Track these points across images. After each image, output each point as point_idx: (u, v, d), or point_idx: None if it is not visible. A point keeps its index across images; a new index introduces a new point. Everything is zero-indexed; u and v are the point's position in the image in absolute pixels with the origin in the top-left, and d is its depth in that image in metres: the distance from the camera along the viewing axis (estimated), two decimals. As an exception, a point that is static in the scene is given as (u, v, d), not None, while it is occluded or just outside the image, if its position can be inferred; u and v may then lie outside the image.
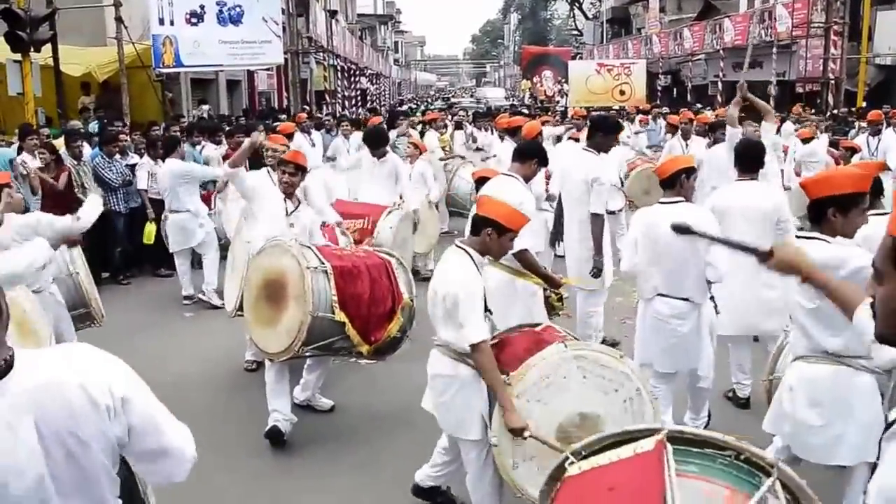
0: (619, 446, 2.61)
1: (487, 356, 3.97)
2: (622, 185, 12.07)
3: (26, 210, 6.07)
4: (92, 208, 5.78)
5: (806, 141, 11.47)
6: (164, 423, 2.28)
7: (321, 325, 5.25)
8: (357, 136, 13.00)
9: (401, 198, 9.10)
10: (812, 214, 3.89)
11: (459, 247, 4.21)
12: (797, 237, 4.01)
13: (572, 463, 2.66)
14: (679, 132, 12.58)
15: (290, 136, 12.00)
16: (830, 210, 3.74)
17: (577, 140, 10.82)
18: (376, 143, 9.42)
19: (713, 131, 10.15)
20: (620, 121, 10.19)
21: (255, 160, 9.26)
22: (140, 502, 2.63)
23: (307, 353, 5.48)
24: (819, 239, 3.76)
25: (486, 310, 4.15)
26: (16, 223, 5.35)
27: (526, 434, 3.81)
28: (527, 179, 6.01)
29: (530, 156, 6.06)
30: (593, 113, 14.39)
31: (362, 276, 5.50)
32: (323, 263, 5.33)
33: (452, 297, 4.02)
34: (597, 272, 6.76)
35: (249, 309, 5.53)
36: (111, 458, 2.19)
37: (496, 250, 4.24)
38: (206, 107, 21.84)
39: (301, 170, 6.06)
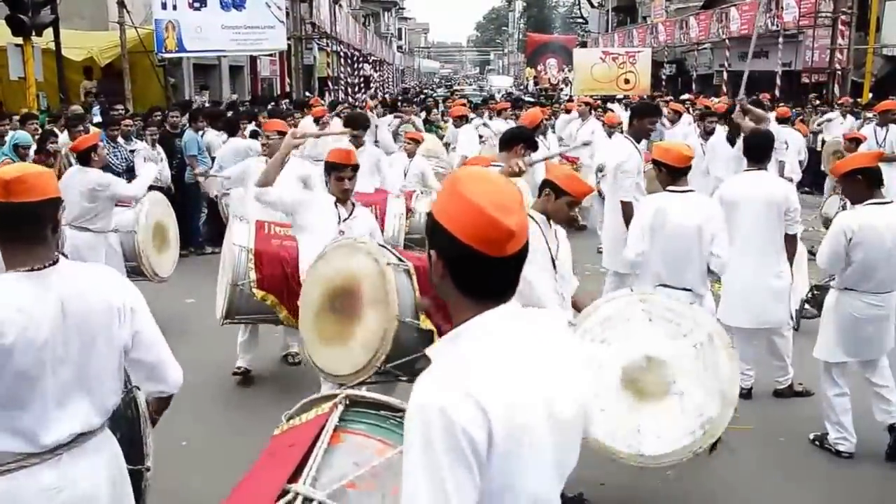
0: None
1: None
2: None
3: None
4: (145, 175, 7.59)
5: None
6: (161, 342, 2.84)
7: (407, 334, 4.30)
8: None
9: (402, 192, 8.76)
10: None
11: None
12: None
13: (281, 424, 2.81)
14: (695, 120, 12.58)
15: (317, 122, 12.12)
16: None
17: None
18: (353, 127, 8.45)
19: (702, 119, 10.09)
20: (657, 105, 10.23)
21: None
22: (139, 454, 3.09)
23: (386, 374, 4.45)
24: None
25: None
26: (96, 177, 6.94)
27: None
28: None
29: (515, 142, 5.81)
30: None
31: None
32: (402, 261, 4.45)
33: None
34: None
35: (309, 329, 4.59)
36: (116, 360, 2.71)
37: (552, 211, 4.34)
38: (207, 94, 21.71)
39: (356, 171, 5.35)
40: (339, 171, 5.17)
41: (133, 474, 2.99)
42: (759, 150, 6.00)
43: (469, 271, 1.81)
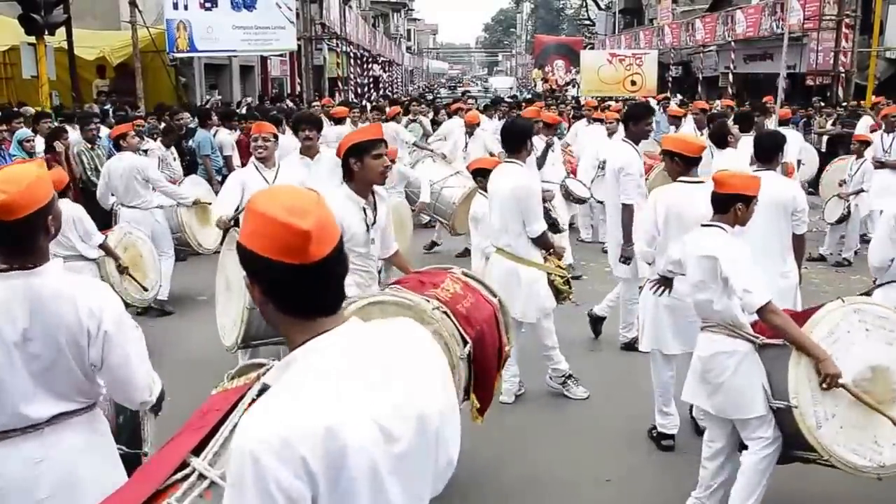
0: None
1: (779, 315, 3.88)
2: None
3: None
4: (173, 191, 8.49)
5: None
6: (131, 365, 2.74)
7: None
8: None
9: None
10: None
11: (708, 224, 4.26)
12: None
13: (222, 382, 2.54)
14: (693, 122, 12.66)
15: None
16: None
17: None
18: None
19: (711, 122, 10.09)
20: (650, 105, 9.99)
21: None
22: (138, 439, 3.22)
23: None
24: None
25: None
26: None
27: (841, 381, 3.71)
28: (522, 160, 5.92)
29: (522, 139, 5.92)
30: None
31: (486, 341, 4.30)
32: (465, 342, 4.14)
33: (720, 265, 3.99)
34: (626, 260, 6.74)
35: None
36: (82, 369, 2.69)
37: (742, 220, 4.28)
38: (216, 93, 21.91)
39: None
40: (376, 149, 4.39)
41: (132, 458, 3.09)
42: (767, 151, 6.03)
43: (282, 287, 1.71)
